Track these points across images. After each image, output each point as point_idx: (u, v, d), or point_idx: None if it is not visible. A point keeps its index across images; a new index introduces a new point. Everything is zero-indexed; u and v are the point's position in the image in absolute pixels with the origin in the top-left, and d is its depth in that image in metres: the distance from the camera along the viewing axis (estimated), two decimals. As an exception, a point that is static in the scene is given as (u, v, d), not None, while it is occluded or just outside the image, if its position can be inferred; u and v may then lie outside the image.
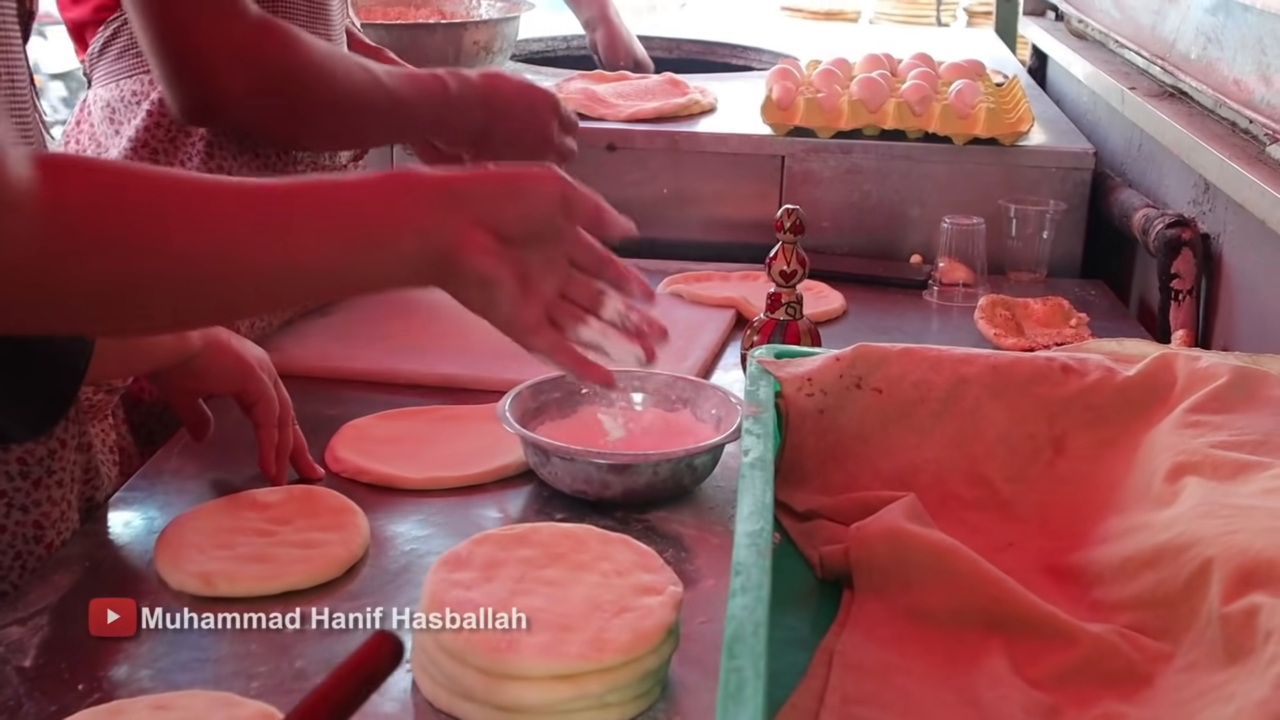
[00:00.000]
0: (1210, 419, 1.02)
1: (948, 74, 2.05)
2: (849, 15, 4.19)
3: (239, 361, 1.07)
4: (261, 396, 1.08)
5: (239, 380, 1.07)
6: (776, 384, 1.04)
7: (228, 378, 1.07)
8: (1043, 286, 1.74)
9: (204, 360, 1.05)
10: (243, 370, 1.07)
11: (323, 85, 1.28)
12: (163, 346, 1.02)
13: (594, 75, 2.10)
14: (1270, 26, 1.34)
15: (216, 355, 1.06)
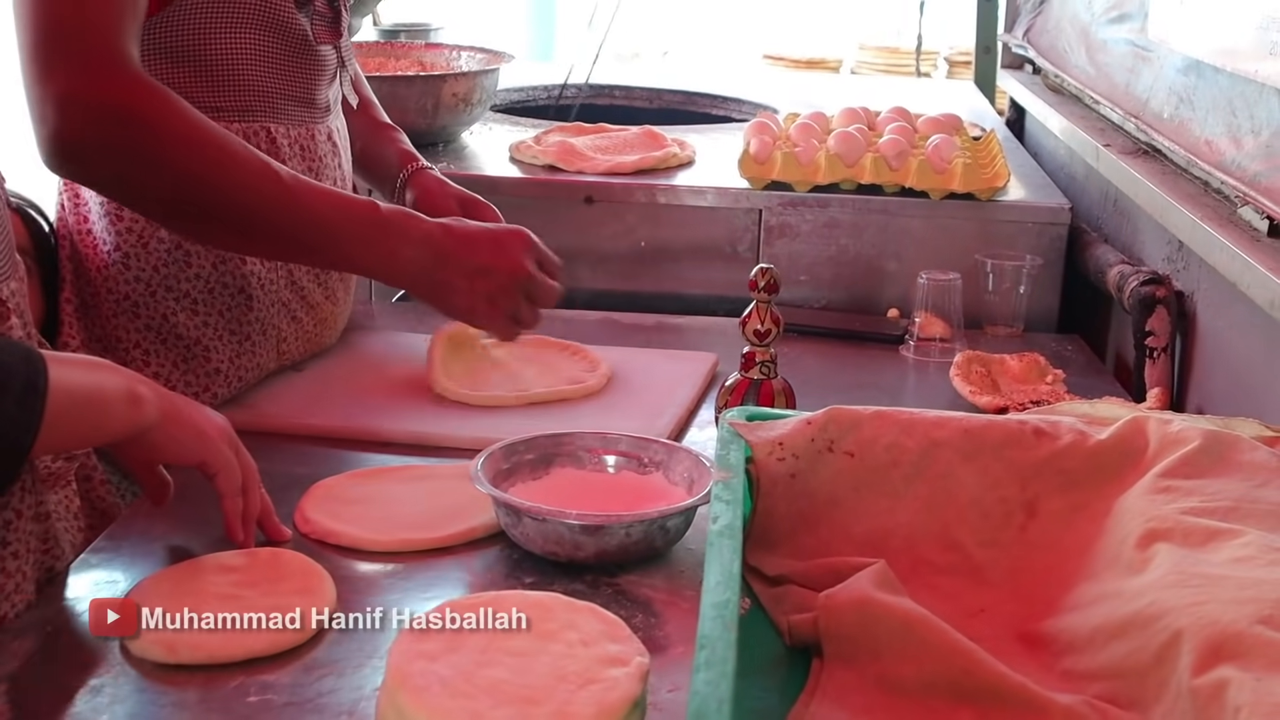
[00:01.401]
0: (1181, 484, 1.02)
1: (925, 128, 2.06)
2: (830, 64, 4.22)
3: (197, 433, 1.05)
4: (222, 467, 1.06)
5: (197, 452, 1.06)
6: (748, 448, 1.04)
7: (186, 449, 1.06)
8: (1019, 341, 1.74)
9: (160, 432, 1.03)
10: (201, 442, 1.06)
11: (195, 156, 1.18)
12: (116, 419, 1.00)
13: (572, 128, 2.11)
14: (1240, 89, 1.35)
15: (174, 427, 1.04)
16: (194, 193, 1.20)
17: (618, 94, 2.68)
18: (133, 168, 1.18)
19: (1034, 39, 2.42)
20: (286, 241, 1.25)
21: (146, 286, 1.36)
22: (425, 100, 1.96)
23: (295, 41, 1.38)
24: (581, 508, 1.11)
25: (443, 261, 1.27)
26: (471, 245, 1.29)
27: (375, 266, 1.29)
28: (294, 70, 1.40)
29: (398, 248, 1.26)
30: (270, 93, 1.37)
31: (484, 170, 1.96)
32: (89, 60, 1.16)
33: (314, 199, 1.24)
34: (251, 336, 1.41)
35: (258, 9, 1.33)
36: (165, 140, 1.18)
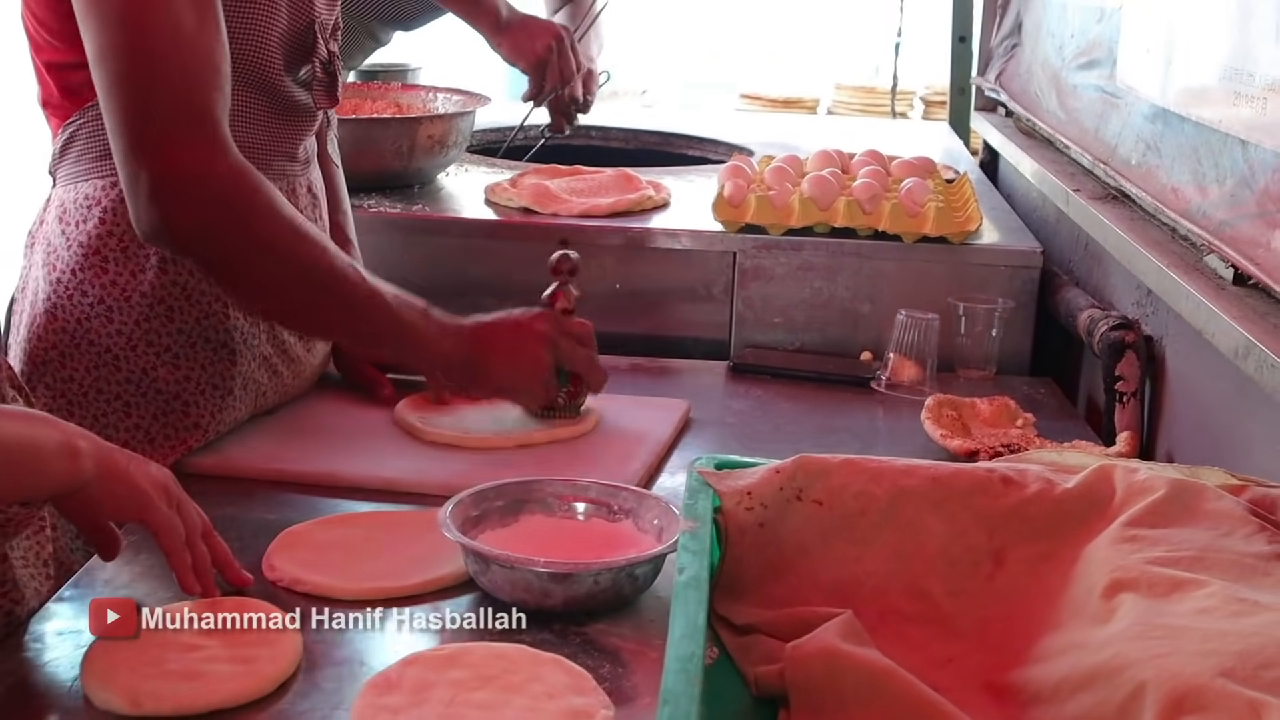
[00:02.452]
0: (1147, 533, 1.03)
1: (898, 171, 2.08)
2: (808, 103, 4.25)
3: (135, 490, 1.04)
4: (162, 524, 1.05)
5: (136, 510, 1.05)
6: (716, 498, 1.04)
7: (124, 506, 1.05)
8: (992, 384, 1.75)
9: (98, 488, 1.02)
10: (139, 499, 1.04)
11: (296, 248, 1.25)
12: (52, 472, 0.99)
13: (547, 170, 2.12)
14: (1205, 138, 1.37)
15: (111, 483, 1.03)
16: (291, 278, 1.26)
17: (594, 134, 2.69)
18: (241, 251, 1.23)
19: (1006, 82, 2.45)
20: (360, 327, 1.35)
21: (128, 340, 1.35)
22: (400, 142, 1.97)
23: (282, 103, 1.39)
24: (550, 555, 1.10)
25: (476, 348, 1.38)
26: (497, 329, 1.40)
27: (427, 355, 1.38)
28: (279, 129, 1.40)
29: (442, 340, 1.36)
30: (255, 150, 1.37)
31: (459, 212, 1.96)
32: (195, 138, 1.18)
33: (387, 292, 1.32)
34: (233, 390, 1.41)
35: (248, 72, 1.33)
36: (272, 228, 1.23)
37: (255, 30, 1.32)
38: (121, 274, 1.34)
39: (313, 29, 1.38)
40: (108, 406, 1.36)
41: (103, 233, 1.33)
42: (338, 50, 1.44)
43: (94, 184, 1.34)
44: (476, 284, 1.85)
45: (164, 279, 1.34)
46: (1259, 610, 0.90)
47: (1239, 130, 1.27)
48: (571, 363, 1.44)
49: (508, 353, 1.40)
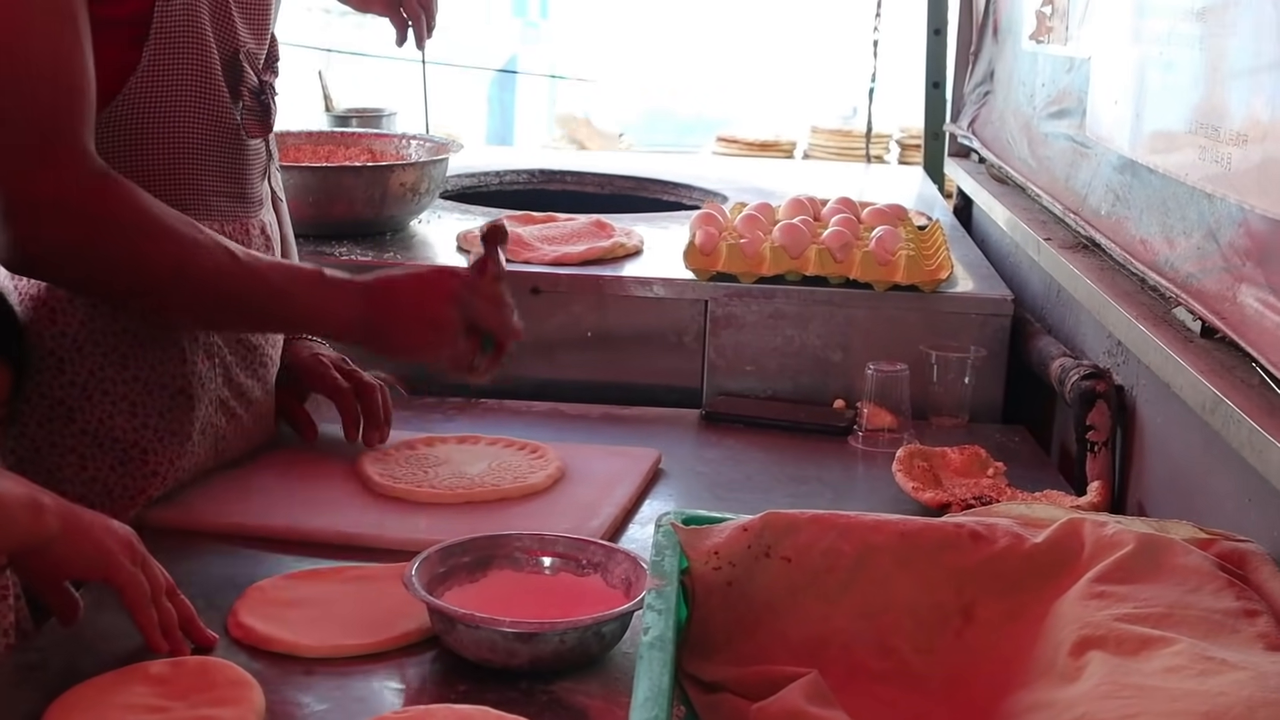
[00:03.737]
0: (1116, 589, 1.02)
1: (870, 219, 2.08)
2: (784, 146, 4.26)
3: (100, 548, 1.03)
4: (127, 582, 1.04)
5: (101, 568, 1.04)
6: (683, 558, 1.03)
7: (90, 564, 1.04)
8: (965, 432, 1.75)
9: (63, 546, 1.01)
10: (104, 557, 1.04)
11: (164, 249, 1.24)
12: (14, 530, 0.98)
13: (520, 217, 2.12)
14: (1172, 190, 1.38)
15: (76, 541, 1.02)
16: (160, 284, 1.26)
17: (569, 179, 2.69)
18: (98, 268, 1.23)
19: (978, 129, 2.46)
20: (247, 312, 1.33)
21: (83, 390, 1.34)
22: (373, 190, 1.96)
23: (229, 135, 1.39)
24: (518, 611, 1.10)
25: (377, 309, 1.34)
26: (400, 287, 1.36)
27: (321, 323, 1.39)
28: (228, 164, 1.40)
29: (337, 305, 1.34)
30: (205, 189, 1.37)
31: (432, 260, 1.96)
32: (49, 161, 1.18)
33: (268, 271, 1.33)
34: (191, 436, 1.39)
35: (197, 101, 1.34)
36: (129, 239, 1.22)
37: (194, 63, 1.33)
38: (71, 324, 1.33)
39: (238, 59, 1.38)
40: (62, 460, 1.34)
41: None
42: (273, 81, 1.45)
43: None
44: (448, 332, 1.84)
45: (115, 326, 1.33)
46: (1226, 669, 0.90)
47: (1205, 184, 1.28)
48: (485, 320, 1.38)
49: (411, 311, 1.35)
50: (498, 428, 1.65)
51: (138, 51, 1.28)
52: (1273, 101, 1.13)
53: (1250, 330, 1.15)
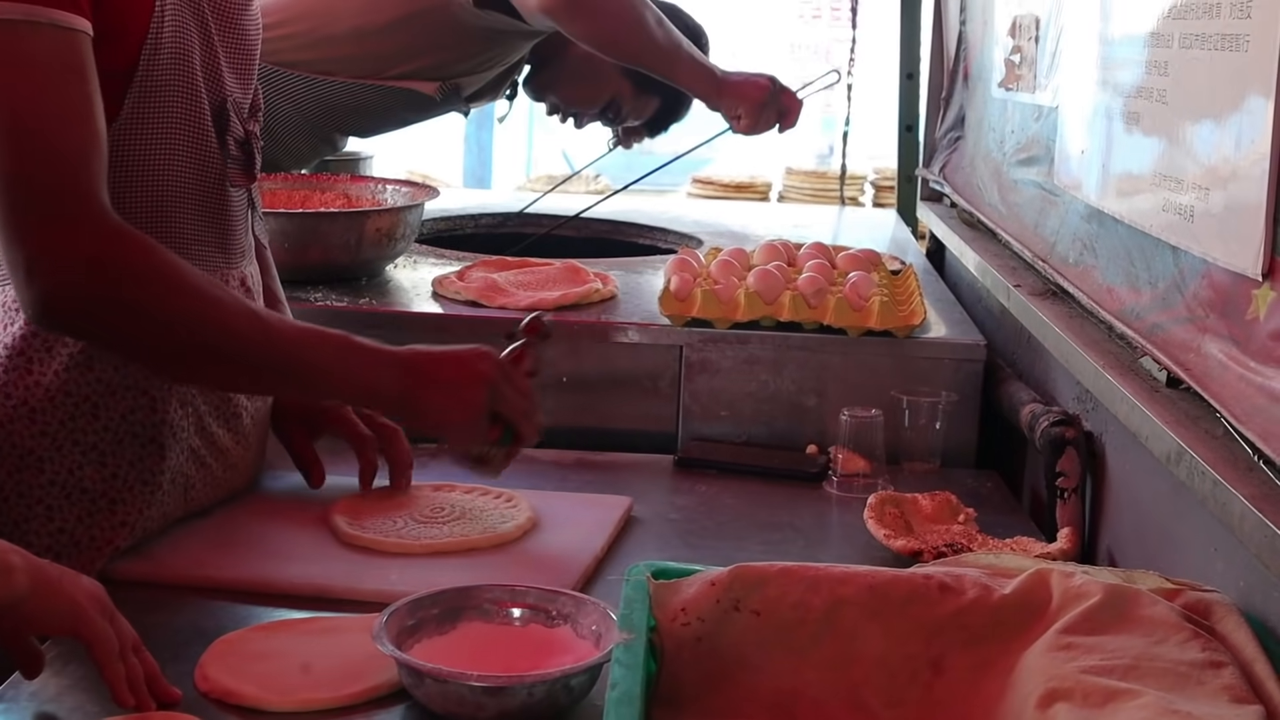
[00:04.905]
0: (1083, 640, 1.03)
1: (843, 264, 2.10)
2: (759, 188, 4.29)
3: (70, 603, 1.03)
4: (97, 637, 1.04)
5: (71, 623, 1.04)
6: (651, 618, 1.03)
7: (59, 619, 1.04)
8: (937, 477, 1.76)
9: (33, 603, 1.01)
10: (74, 612, 1.03)
11: (184, 304, 1.24)
12: None
13: (495, 263, 2.12)
14: (1137, 241, 1.39)
15: (46, 597, 1.02)
16: (182, 339, 1.25)
17: (545, 223, 2.70)
18: (122, 321, 1.23)
19: (950, 174, 2.48)
20: (269, 374, 1.33)
21: (53, 441, 1.33)
22: (348, 236, 1.97)
23: (213, 184, 1.39)
24: (487, 664, 1.09)
25: (412, 381, 1.35)
26: (438, 363, 1.36)
27: (351, 391, 1.38)
28: (211, 213, 1.40)
29: (370, 373, 1.34)
30: (188, 238, 1.37)
31: (407, 306, 1.96)
32: (68, 217, 1.19)
33: (293, 333, 1.33)
34: (161, 485, 1.39)
35: (183, 150, 1.34)
36: (151, 293, 1.23)
37: (181, 112, 1.33)
38: (45, 374, 1.32)
39: (225, 108, 1.39)
40: (29, 512, 1.33)
41: (28, 334, 1.32)
42: (257, 130, 1.46)
43: None
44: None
45: (89, 376, 1.33)
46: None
47: (1168, 235, 1.29)
48: (512, 411, 1.40)
49: (446, 389, 1.35)
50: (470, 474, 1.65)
51: (121, 100, 1.29)
52: (1233, 154, 1.15)
53: (1213, 382, 1.16)
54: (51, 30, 1.18)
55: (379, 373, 1.34)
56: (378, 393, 1.36)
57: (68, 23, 1.19)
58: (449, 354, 1.38)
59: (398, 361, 1.35)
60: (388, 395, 1.35)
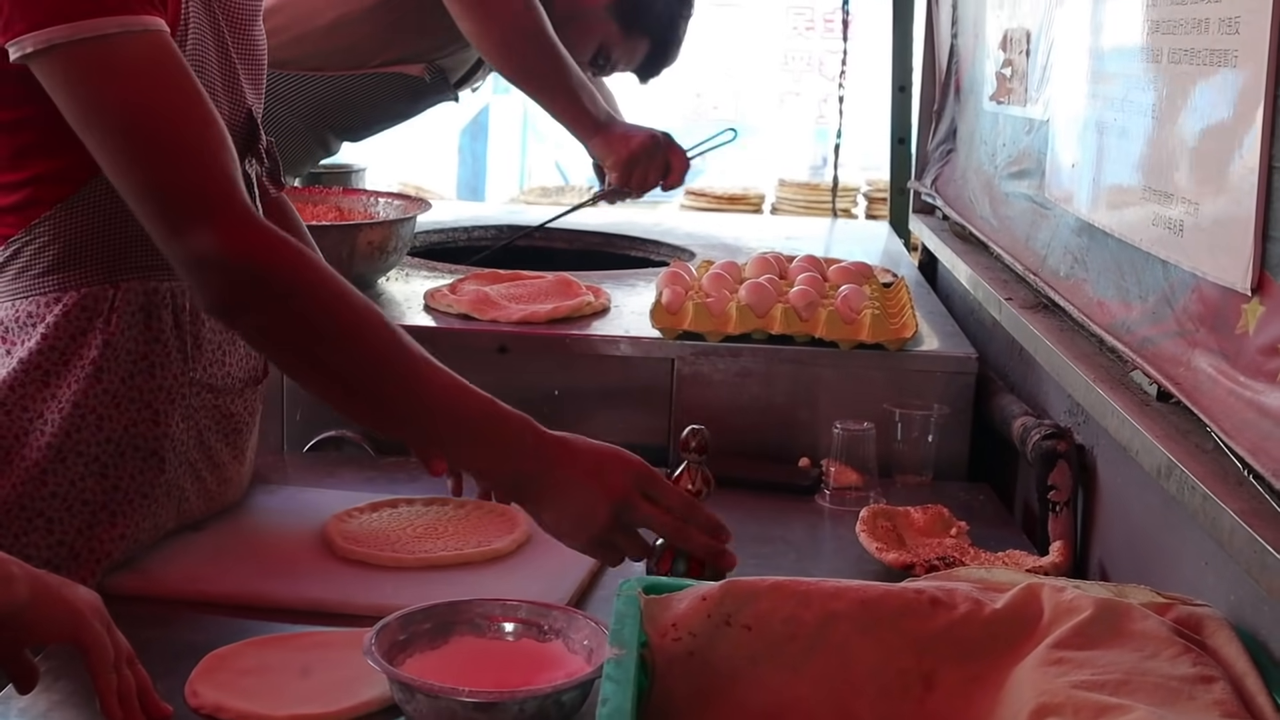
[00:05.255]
0: (1074, 655, 1.03)
1: (835, 277, 2.10)
2: (752, 200, 4.29)
3: (69, 609, 1.03)
4: (94, 644, 1.03)
5: (70, 629, 1.03)
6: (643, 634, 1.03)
7: (59, 627, 1.03)
8: (929, 490, 1.76)
9: (33, 611, 1.01)
10: (74, 619, 1.03)
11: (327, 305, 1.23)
12: None
13: (487, 275, 2.12)
14: (1128, 255, 1.39)
15: (46, 605, 1.02)
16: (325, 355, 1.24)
17: (537, 235, 2.71)
18: (274, 323, 1.23)
19: (941, 187, 2.49)
20: (399, 419, 1.26)
21: (57, 453, 1.33)
22: (340, 249, 1.97)
23: None
24: (479, 679, 1.09)
25: (541, 477, 1.25)
26: (574, 462, 1.25)
27: (481, 466, 1.29)
28: None
29: (505, 453, 1.25)
30: None
31: (398, 319, 1.96)
32: (222, 222, 1.20)
33: (438, 386, 1.25)
34: (156, 497, 1.39)
35: None
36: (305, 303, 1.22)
37: None
38: (60, 386, 1.32)
39: (252, 118, 1.40)
40: (29, 524, 1.33)
41: (44, 348, 1.32)
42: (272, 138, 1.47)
43: (36, 301, 1.32)
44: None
45: (97, 388, 1.33)
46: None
47: (1157, 248, 1.29)
48: (666, 535, 1.26)
49: (566, 490, 1.24)
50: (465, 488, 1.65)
51: None
52: (1222, 168, 1.15)
53: (1203, 397, 1.17)
54: (146, 36, 1.20)
55: (514, 460, 1.24)
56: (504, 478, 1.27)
57: (158, 26, 1.21)
58: (591, 454, 1.26)
59: (537, 453, 1.24)
60: (513, 484, 1.26)
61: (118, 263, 1.33)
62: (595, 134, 2.32)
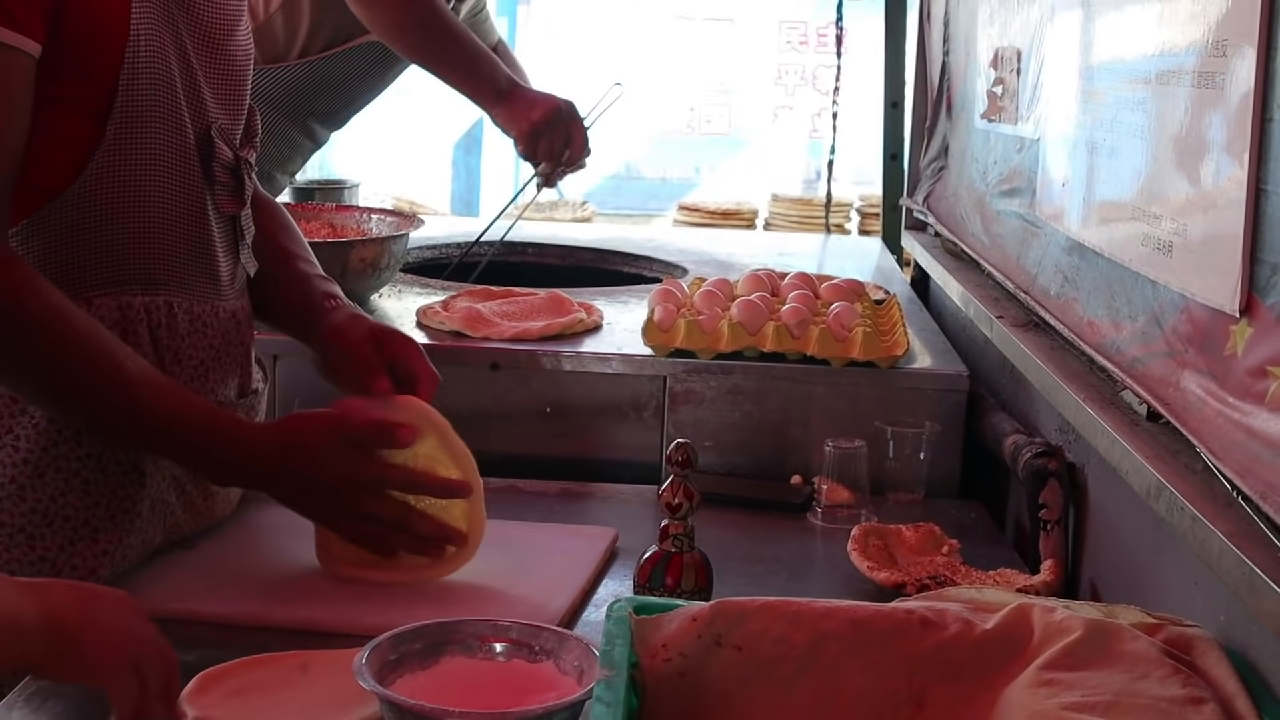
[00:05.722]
0: (1064, 676, 1.03)
1: (827, 294, 2.10)
2: (745, 215, 4.31)
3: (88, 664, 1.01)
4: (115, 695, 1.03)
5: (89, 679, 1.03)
6: (632, 654, 1.03)
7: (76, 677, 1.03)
8: (921, 508, 1.76)
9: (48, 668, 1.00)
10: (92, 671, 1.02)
11: (52, 343, 1.25)
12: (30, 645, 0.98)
13: (480, 292, 2.12)
14: (1117, 274, 1.40)
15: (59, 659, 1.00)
16: (43, 379, 1.27)
17: (530, 251, 2.71)
18: None
19: (933, 204, 2.49)
20: (124, 434, 1.33)
21: (35, 469, 1.33)
22: (333, 266, 1.96)
23: (197, 211, 1.39)
24: (469, 700, 1.09)
25: (271, 477, 1.36)
26: (287, 459, 1.34)
27: (207, 472, 1.39)
28: (196, 241, 1.40)
29: (225, 460, 1.35)
30: (176, 265, 1.38)
31: (391, 334, 1.96)
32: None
33: (153, 400, 1.30)
34: (141, 513, 1.39)
35: (166, 177, 1.35)
36: (23, 326, 1.23)
37: (164, 139, 1.34)
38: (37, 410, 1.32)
39: (210, 134, 1.39)
40: (10, 540, 1.32)
41: None
42: (251, 157, 1.46)
43: None
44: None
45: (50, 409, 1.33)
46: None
47: (1147, 269, 1.30)
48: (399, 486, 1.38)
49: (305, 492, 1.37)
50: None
51: (104, 127, 1.29)
52: (1210, 190, 1.16)
53: (1192, 417, 1.17)
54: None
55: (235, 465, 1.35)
56: (233, 482, 1.40)
57: (11, 41, 1.20)
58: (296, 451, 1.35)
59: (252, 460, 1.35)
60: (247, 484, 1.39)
61: (87, 279, 1.32)
62: (498, 103, 2.28)
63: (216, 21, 1.39)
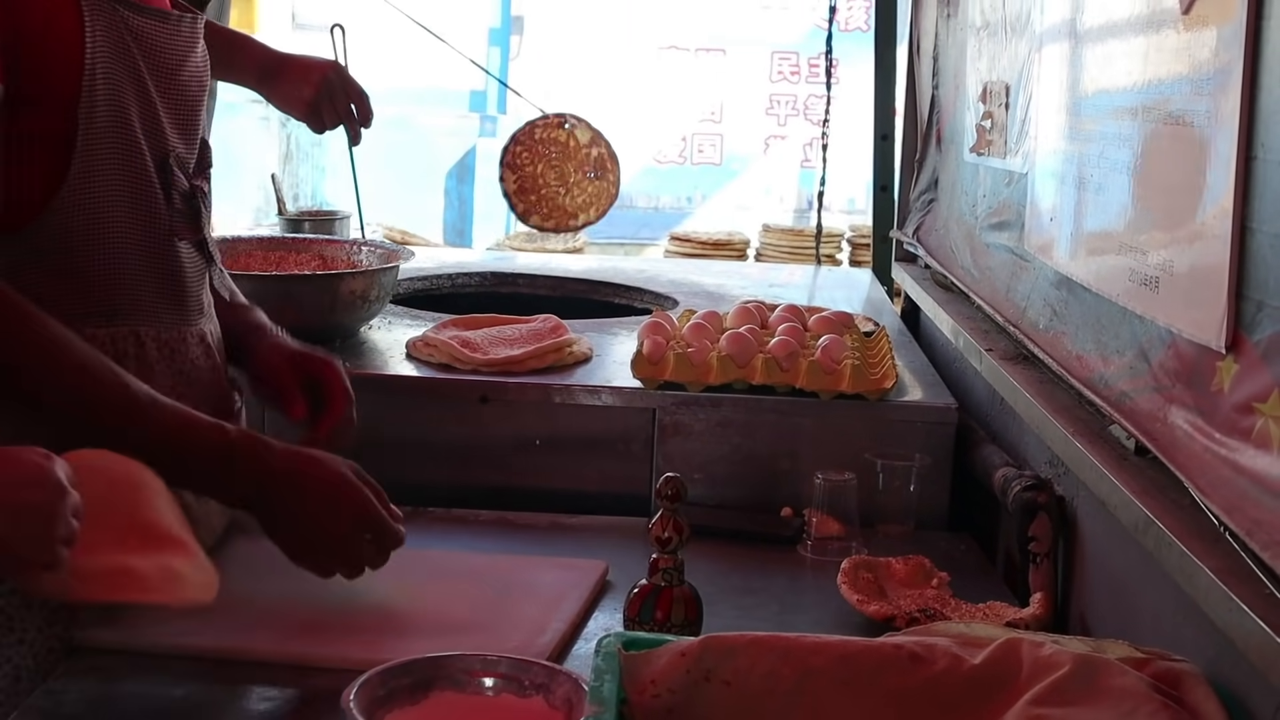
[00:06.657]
0: (1052, 712, 1.03)
1: (816, 327, 2.11)
2: (737, 245, 4.32)
3: None
4: None
5: None
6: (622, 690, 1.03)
7: None
8: (911, 540, 1.76)
9: None
10: None
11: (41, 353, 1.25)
12: None
13: (467, 321, 2.12)
14: (1105, 309, 1.41)
15: None
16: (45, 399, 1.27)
17: (521, 282, 2.72)
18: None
19: (923, 236, 2.51)
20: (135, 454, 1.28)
21: None
22: (322, 298, 1.97)
23: (162, 239, 1.40)
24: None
25: (274, 503, 1.33)
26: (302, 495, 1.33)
27: (214, 493, 1.36)
28: (162, 269, 1.40)
29: (232, 481, 1.32)
30: (140, 295, 1.38)
31: (381, 368, 1.97)
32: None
33: (163, 415, 1.29)
34: None
35: (129, 206, 1.35)
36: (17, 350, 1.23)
37: (124, 168, 1.34)
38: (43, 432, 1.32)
39: (168, 162, 1.39)
40: None
41: None
42: (204, 186, 1.46)
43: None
44: (396, 441, 1.85)
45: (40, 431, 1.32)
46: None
47: (1134, 304, 1.31)
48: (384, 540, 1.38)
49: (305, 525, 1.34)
50: (444, 538, 1.65)
51: (66, 160, 1.30)
52: (1196, 227, 1.17)
53: (1180, 453, 1.17)
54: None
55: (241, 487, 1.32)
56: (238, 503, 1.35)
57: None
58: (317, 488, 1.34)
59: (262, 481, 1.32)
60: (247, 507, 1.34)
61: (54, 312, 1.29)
62: (265, 84, 2.14)
63: (169, 50, 1.40)
